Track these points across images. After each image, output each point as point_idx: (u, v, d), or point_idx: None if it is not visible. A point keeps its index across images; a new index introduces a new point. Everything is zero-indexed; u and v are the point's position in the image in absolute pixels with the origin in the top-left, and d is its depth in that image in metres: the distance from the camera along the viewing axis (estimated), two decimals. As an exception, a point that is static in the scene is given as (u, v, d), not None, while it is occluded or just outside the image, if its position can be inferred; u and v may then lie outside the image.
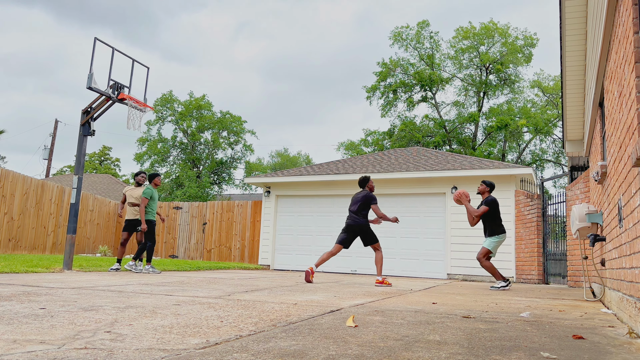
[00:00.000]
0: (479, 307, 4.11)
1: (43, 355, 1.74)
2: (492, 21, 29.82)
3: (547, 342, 2.39)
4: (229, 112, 35.05)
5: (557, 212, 9.76)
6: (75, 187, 7.52)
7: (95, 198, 15.48)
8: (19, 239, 12.40)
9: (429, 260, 11.46)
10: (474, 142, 30.24)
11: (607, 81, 4.31)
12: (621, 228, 3.45)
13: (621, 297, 3.44)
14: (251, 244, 14.14)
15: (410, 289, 6.28)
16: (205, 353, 1.88)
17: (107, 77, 7.61)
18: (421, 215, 11.73)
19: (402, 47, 31.51)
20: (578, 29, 5.49)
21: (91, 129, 7.65)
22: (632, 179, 2.89)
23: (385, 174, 11.96)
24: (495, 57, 29.52)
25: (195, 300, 3.75)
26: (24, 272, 6.34)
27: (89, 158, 43.37)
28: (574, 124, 7.60)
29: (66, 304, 3.20)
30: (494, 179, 11.04)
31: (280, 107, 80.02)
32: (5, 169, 12.08)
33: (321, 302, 4.00)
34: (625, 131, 3.15)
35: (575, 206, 5.41)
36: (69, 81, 69.69)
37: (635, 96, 2.72)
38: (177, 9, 67.01)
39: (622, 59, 3.25)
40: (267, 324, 2.68)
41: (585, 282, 6.70)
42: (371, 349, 2.05)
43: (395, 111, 32.31)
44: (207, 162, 35.25)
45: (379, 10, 60.20)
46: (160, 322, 2.59)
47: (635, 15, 2.79)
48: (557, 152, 31.43)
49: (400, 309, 3.70)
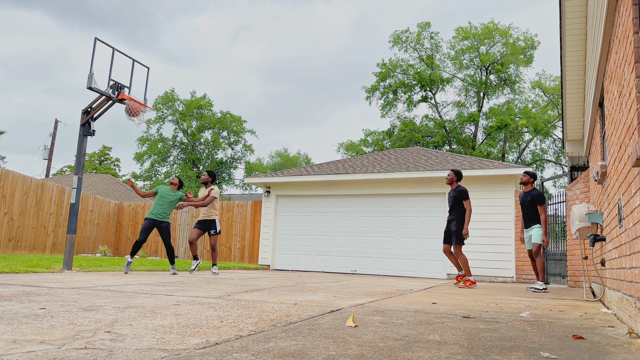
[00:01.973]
0: (479, 307, 4.11)
1: (43, 355, 1.74)
2: (493, 22, 29.83)
3: (547, 342, 2.39)
4: (229, 112, 35.06)
5: (557, 212, 9.76)
6: (75, 187, 7.52)
7: (95, 198, 15.48)
8: (19, 239, 12.40)
9: (429, 260, 11.46)
10: (474, 142, 30.24)
11: (607, 81, 4.31)
12: (621, 228, 3.45)
13: (621, 297, 3.44)
14: (251, 244, 14.14)
15: (410, 289, 6.28)
16: (205, 353, 1.88)
17: (107, 77, 7.61)
18: (421, 215, 11.73)
19: (402, 49, 31.53)
20: (578, 29, 5.49)
21: (91, 129, 7.64)
22: (632, 179, 2.89)
23: (385, 174, 11.96)
24: (496, 57, 29.52)
25: (195, 300, 3.75)
26: (24, 272, 6.34)
27: (89, 158, 43.37)
28: (574, 124, 7.60)
29: (66, 304, 3.20)
30: (494, 179, 11.04)
31: (279, 109, 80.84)
32: (5, 169, 12.08)
33: (321, 302, 4.00)
34: (625, 131, 3.15)
35: (575, 206, 5.41)
36: (70, 83, 70.69)
37: (635, 96, 2.72)
38: (177, 13, 68.09)
39: (622, 59, 3.25)
40: (267, 324, 2.68)
41: (585, 282, 6.70)
42: (371, 349, 2.05)
43: (395, 111, 32.33)
44: (207, 162, 35.25)
45: (375, 14, 60.94)
46: (160, 322, 2.59)
47: (635, 15, 2.79)
48: (557, 152, 31.43)
49: (400, 309, 3.70)
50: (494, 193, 10.97)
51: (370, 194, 12.25)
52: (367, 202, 12.31)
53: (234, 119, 35.15)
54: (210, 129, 35.02)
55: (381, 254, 11.92)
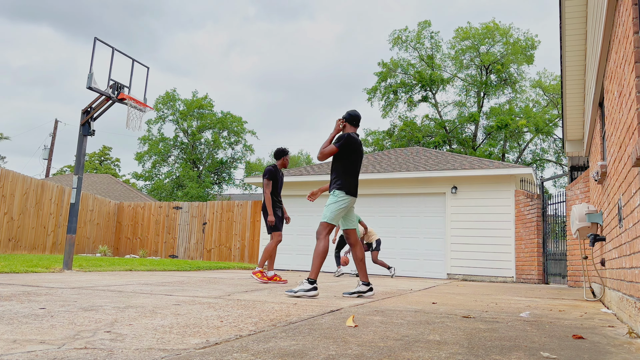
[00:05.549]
0: (479, 307, 4.11)
1: (43, 355, 1.74)
2: (494, 21, 29.83)
3: (547, 342, 2.39)
4: (230, 113, 35.07)
5: (557, 212, 9.76)
6: (75, 187, 7.51)
7: (95, 198, 15.48)
8: (18, 239, 12.40)
9: (429, 260, 11.46)
10: (474, 142, 30.23)
11: (607, 81, 4.31)
12: (621, 228, 3.45)
13: (621, 297, 3.44)
14: (251, 244, 14.14)
15: (410, 289, 6.28)
16: (205, 353, 1.88)
17: (107, 77, 7.60)
18: (421, 215, 11.73)
19: (402, 48, 31.52)
20: (578, 29, 5.49)
21: (91, 128, 7.64)
22: (632, 179, 2.89)
23: (385, 174, 11.96)
24: (496, 57, 29.51)
25: (195, 300, 3.75)
26: (24, 272, 6.34)
27: (89, 158, 43.37)
28: (574, 124, 7.60)
29: (66, 304, 3.20)
30: (494, 179, 11.03)
31: (276, 115, 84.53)
32: (5, 169, 12.08)
33: (321, 302, 4.00)
34: (625, 131, 3.15)
35: (575, 206, 5.41)
36: (71, 87, 74.70)
37: (635, 96, 2.72)
38: (175, 28, 72.17)
39: (622, 58, 3.25)
40: (267, 324, 2.68)
41: (585, 282, 6.70)
42: (371, 349, 2.05)
43: (396, 112, 32.35)
44: (208, 161, 35.26)
45: (359, 30, 64.08)
46: (160, 322, 2.59)
47: (635, 15, 2.79)
48: (557, 151, 31.41)
49: (400, 309, 3.70)
50: (494, 193, 10.97)
51: (371, 194, 12.25)
52: (367, 202, 12.31)
53: (235, 119, 35.15)
54: (210, 129, 35.03)
55: (381, 253, 11.91)
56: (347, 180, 4.81)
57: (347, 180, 4.80)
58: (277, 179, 6.86)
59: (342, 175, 4.82)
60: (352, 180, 4.84)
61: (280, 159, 6.97)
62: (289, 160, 7.12)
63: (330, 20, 72.44)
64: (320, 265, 4.60)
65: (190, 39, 74.56)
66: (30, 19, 68.50)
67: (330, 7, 68.89)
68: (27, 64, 71.84)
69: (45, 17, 69.84)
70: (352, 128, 5.04)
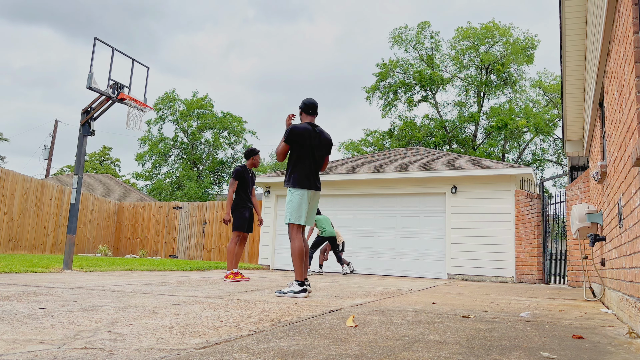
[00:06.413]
0: (479, 307, 4.11)
1: (43, 355, 1.74)
2: (494, 21, 29.84)
3: (547, 342, 2.39)
4: (230, 113, 35.08)
5: (557, 212, 9.75)
6: (75, 187, 7.51)
7: (95, 198, 15.48)
8: (19, 239, 12.40)
9: (428, 260, 11.46)
10: (474, 142, 30.24)
11: (607, 81, 4.31)
12: (621, 228, 3.45)
13: (621, 297, 3.44)
14: (251, 244, 14.14)
15: (410, 289, 6.28)
16: (205, 353, 1.88)
17: (107, 77, 7.60)
18: (421, 215, 11.73)
19: (402, 47, 31.53)
20: (578, 29, 5.49)
21: (91, 128, 7.64)
22: (632, 179, 2.89)
23: (385, 174, 11.96)
24: (496, 57, 29.51)
25: (195, 300, 3.75)
26: (24, 272, 6.34)
27: (89, 158, 43.38)
28: (574, 124, 7.60)
29: (66, 304, 3.20)
30: (493, 179, 11.03)
31: (275, 116, 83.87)
32: (5, 169, 12.08)
33: (321, 302, 4.00)
34: (625, 131, 3.15)
35: (575, 206, 5.41)
36: (71, 88, 75.62)
37: (635, 96, 2.72)
38: (175, 30, 72.66)
39: (622, 58, 3.25)
40: (267, 324, 2.68)
41: (585, 282, 6.70)
42: (371, 349, 2.05)
43: (396, 111, 32.35)
44: (208, 162, 35.26)
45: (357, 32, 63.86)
46: (160, 322, 2.59)
47: (635, 15, 2.79)
48: (557, 151, 31.41)
49: (400, 309, 3.70)
50: (494, 193, 10.97)
51: (370, 194, 12.25)
52: (367, 201, 12.32)
53: (235, 119, 35.17)
54: (210, 129, 35.04)
55: (381, 253, 11.92)
56: (300, 174, 4.51)
57: (299, 174, 4.51)
58: (246, 179, 6.86)
59: (293, 170, 4.55)
60: (305, 172, 4.52)
61: (249, 158, 7.01)
62: (259, 160, 7.14)
63: (329, 22, 72.98)
64: (302, 265, 4.41)
65: (189, 40, 75.22)
66: (31, 20, 69.41)
67: (329, 8, 69.42)
68: (27, 65, 72.67)
69: (45, 18, 70.75)
70: (310, 117, 4.74)
